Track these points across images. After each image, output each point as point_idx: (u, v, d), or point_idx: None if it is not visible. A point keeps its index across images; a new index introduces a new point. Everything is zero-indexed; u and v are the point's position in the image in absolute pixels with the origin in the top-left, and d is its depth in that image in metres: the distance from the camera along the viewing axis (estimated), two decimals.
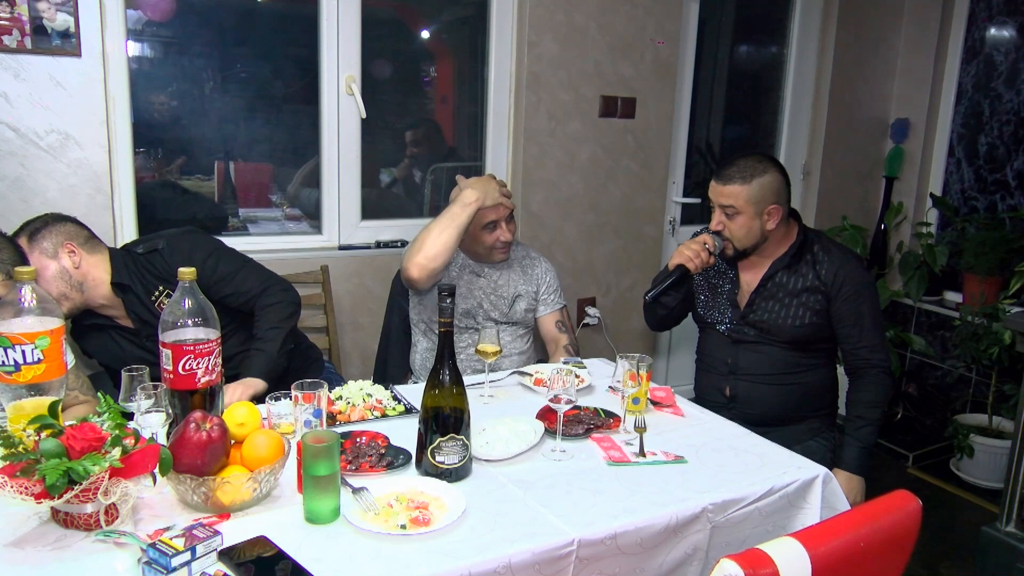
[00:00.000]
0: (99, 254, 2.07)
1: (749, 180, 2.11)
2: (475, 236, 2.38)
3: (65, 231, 2.02)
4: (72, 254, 2.00)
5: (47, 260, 1.97)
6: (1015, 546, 2.44)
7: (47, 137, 2.34)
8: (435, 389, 1.48)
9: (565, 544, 1.30)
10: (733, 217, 2.14)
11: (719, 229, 2.17)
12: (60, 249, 1.99)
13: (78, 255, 2.01)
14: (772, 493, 1.54)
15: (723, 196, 2.14)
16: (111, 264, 2.07)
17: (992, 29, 3.65)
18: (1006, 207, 3.62)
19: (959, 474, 3.37)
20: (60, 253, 1.99)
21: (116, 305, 2.10)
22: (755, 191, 2.11)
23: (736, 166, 2.15)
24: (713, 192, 2.18)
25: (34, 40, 2.26)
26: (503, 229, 2.39)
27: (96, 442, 1.22)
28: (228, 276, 2.12)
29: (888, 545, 1.25)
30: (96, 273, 2.04)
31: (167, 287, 2.08)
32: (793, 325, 2.16)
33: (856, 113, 3.89)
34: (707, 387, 2.34)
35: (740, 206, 2.12)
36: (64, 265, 1.99)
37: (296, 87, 2.89)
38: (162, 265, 2.09)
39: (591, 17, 3.07)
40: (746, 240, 2.16)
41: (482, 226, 2.36)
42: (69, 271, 2.00)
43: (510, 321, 2.47)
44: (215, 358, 1.51)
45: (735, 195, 2.12)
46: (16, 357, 1.39)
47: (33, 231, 1.99)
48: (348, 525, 1.30)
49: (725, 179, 2.14)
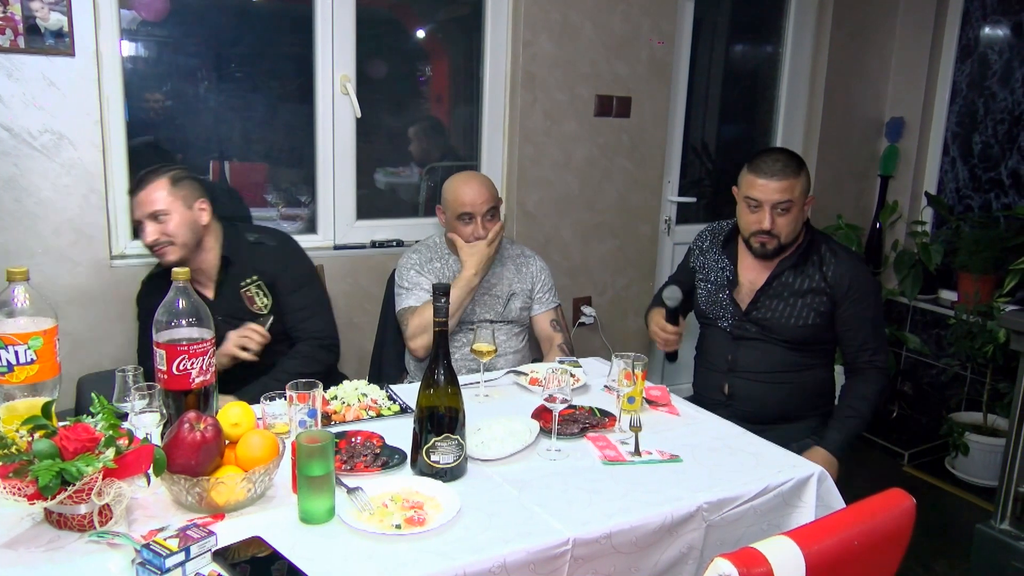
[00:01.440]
0: (216, 223, 2.23)
1: (799, 172, 2.10)
2: (452, 227, 2.40)
3: (201, 188, 2.19)
4: (204, 212, 2.16)
5: (183, 207, 2.12)
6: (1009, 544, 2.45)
7: (41, 137, 2.33)
8: (430, 389, 1.47)
9: (560, 543, 1.30)
10: (785, 213, 2.11)
11: (770, 228, 2.11)
12: (196, 203, 2.15)
13: (207, 214, 2.18)
14: (767, 492, 1.54)
15: (780, 192, 2.08)
16: (224, 237, 2.24)
17: (986, 28, 3.66)
18: (1000, 206, 3.63)
19: (954, 472, 3.38)
20: (195, 205, 2.14)
21: (211, 275, 2.24)
22: (804, 182, 2.12)
23: (780, 160, 2.11)
24: (763, 191, 2.10)
25: (27, 40, 2.25)
26: (478, 224, 2.35)
27: (90, 443, 1.22)
28: (305, 306, 2.30)
29: (882, 543, 1.25)
30: (211, 238, 2.21)
31: (259, 279, 2.25)
32: (796, 325, 2.16)
33: (851, 112, 3.90)
34: (706, 384, 2.34)
35: (795, 199, 2.10)
36: (196, 218, 2.15)
37: (291, 86, 2.89)
38: (264, 259, 2.26)
39: (586, 16, 3.07)
40: (792, 234, 2.14)
41: (456, 215, 2.37)
42: (198, 224, 2.15)
43: (505, 320, 2.47)
44: (209, 358, 1.51)
45: (791, 189, 2.09)
46: (9, 358, 1.38)
47: (176, 176, 2.14)
48: (343, 525, 1.30)
49: (780, 175, 2.08)
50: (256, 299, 2.23)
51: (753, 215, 2.13)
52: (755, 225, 2.13)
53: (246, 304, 2.23)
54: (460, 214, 2.36)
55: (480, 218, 2.35)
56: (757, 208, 2.12)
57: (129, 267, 2.52)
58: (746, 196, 2.14)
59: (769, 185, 2.09)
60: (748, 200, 2.14)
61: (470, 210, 2.34)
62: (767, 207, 2.10)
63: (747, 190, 2.13)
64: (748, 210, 2.15)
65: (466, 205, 2.34)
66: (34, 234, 2.36)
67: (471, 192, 2.36)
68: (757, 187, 2.10)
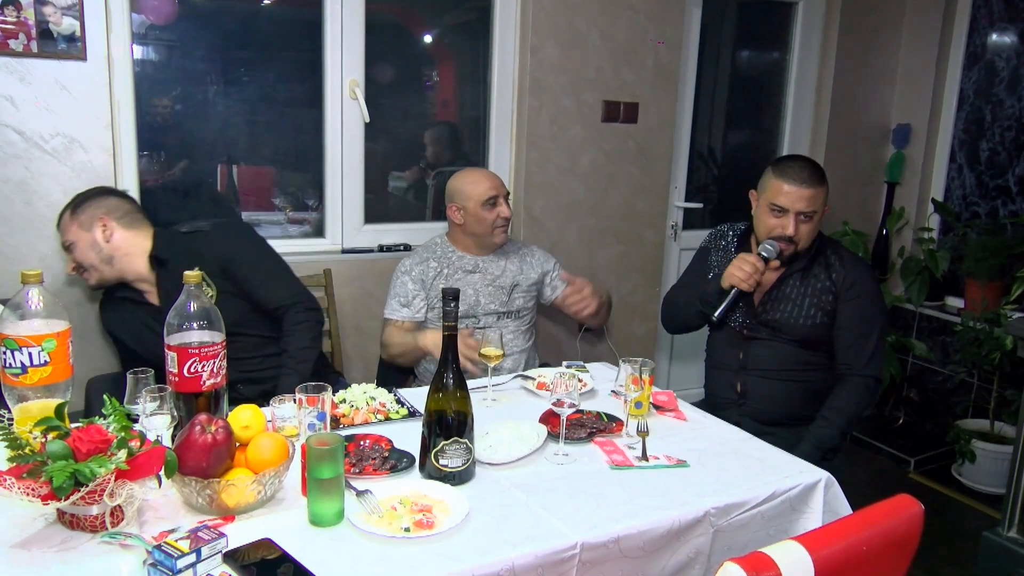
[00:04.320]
0: (136, 229, 2.19)
1: (823, 181, 2.12)
2: (477, 216, 2.45)
3: (105, 205, 2.16)
4: (104, 228, 2.13)
5: (82, 232, 2.13)
6: (1016, 551, 2.45)
7: (52, 140, 2.35)
8: (439, 392, 1.48)
9: (568, 547, 1.31)
10: (808, 221, 2.11)
11: (792, 235, 2.10)
12: (95, 223, 2.13)
13: (110, 229, 2.13)
14: (774, 497, 1.54)
15: (809, 201, 2.08)
16: (153, 239, 2.20)
17: (994, 35, 3.66)
18: (1007, 212, 3.62)
19: (961, 479, 3.36)
20: (94, 226, 2.13)
21: (150, 280, 2.20)
22: (826, 192, 2.13)
23: (807, 167, 2.11)
24: (789, 198, 2.09)
25: (40, 44, 2.27)
26: (503, 205, 2.47)
27: (102, 444, 1.23)
28: (266, 278, 2.24)
29: (890, 549, 1.26)
30: (129, 247, 2.16)
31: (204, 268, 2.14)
32: (805, 324, 2.17)
33: (858, 118, 3.90)
34: (717, 384, 2.34)
35: (819, 207, 2.11)
36: (96, 237, 2.12)
37: (299, 91, 2.90)
38: (204, 245, 2.20)
39: (593, 22, 3.08)
40: (809, 242, 2.15)
41: (482, 203, 2.44)
42: (100, 243, 2.13)
43: (510, 311, 2.50)
44: (220, 361, 1.52)
45: (816, 198, 2.10)
46: (23, 359, 1.40)
47: (77, 203, 2.15)
48: (352, 528, 1.30)
49: (808, 183, 2.08)
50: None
51: (776, 220, 2.13)
52: (778, 230, 2.13)
53: None
54: (486, 200, 2.44)
55: (503, 199, 2.48)
56: (781, 214, 2.11)
57: None
58: (771, 202, 2.13)
59: (798, 192, 2.08)
60: (772, 206, 2.13)
61: (495, 192, 2.46)
62: (792, 214, 2.10)
63: (773, 196, 2.12)
64: (771, 215, 2.14)
65: (491, 189, 2.46)
66: (45, 237, 2.38)
67: (489, 178, 2.50)
68: (784, 193, 2.10)
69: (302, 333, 2.21)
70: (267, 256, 2.28)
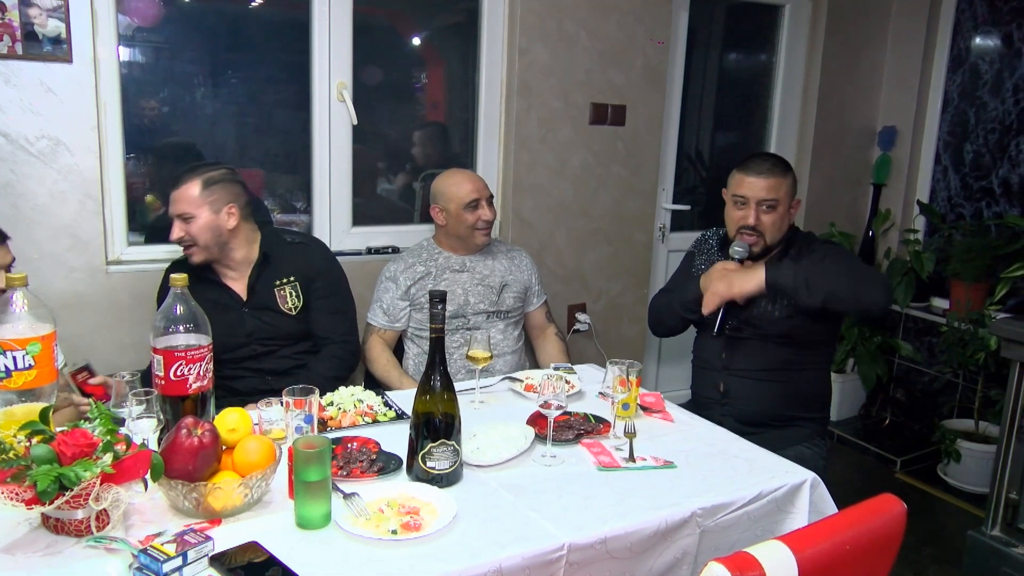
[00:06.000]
0: (250, 222, 2.25)
1: (787, 172, 2.16)
2: (459, 218, 2.47)
3: (235, 192, 2.18)
4: (231, 215, 2.15)
5: (210, 212, 2.12)
6: (1000, 550, 2.47)
7: (37, 143, 2.34)
8: (426, 395, 1.48)
9: (555, 549, 1.31)
10: (770, 211, 2.15)
11: (755, 224, 2.15)
12: (225, 207, 2.14)
13: (235, 217, 2.17)
14: (760, 498, 1.55)
15: (765, 190, 2.13)
16: (263, 235, 2.26)
17: (977, 38, 3.69)
18: (992, 214, 3.65)
19: (946, 479, 3.39)
20: (224, 210, 2.14)
21: (243, 270, 2.23)
22: (791, 183, 2.17)
23: (768, 160, 2.17)
24: (750, 188, 2.15)
25: (25, 46, 2.26)
26: (485, 208, 2.48)
27: (87, 448, 1.23)
28: (334, 309, 2.33)
29: (873, 548, 1.27)
30: (244, 238, 2.21)
31: (295, 280, 2.26)
32: (782, 316, 2.17)
33: (844, 121, 3.93)
34: (702, 384, 2.36)
35: (781, 198, 2.15)
36: (221, 222, 2.14)
37: (287, 93, 2.90)
38: (304, 260, 2.28)
39: (581, 25, 3.09)
40: (777, 235, 2.18)
41: (463, 205, 2.45)
42: (223, 228, 2.15)
43: (499, 310, 2.50)
44: (206, 364, 1.51)
45: (777, 187, 2.14)
46: (7, 363, 1.39)
47: (210, 179, 2.14)
48: (339, 530, 1.30)
49: (766, 173, 2.14)
50: (288, 299, 2.25)
51: (739, 211, 2.19)
52: (740, 221, 2.18)
53: (277, 302, 2.25)
54: (468, 202, 2.46)
55: (484, 202, 2.49)
56: (743, 205, 2.18)
57: (125, 273, 2.53)
58: (734, 194, 2.20)
59: (756, 182, 2.15)
60: (735, 197, 2.20)
61: (476, 196, 2.47)
62: (753, 203, 2.15)
63: (735, 188, 2.20)
64: (735, 207, 2.20)
65: (472, 192, 2.47)
66: (30, 240, 2.36)
67: (472, 180, 2.51)
68: (745, 184, 2.17)
69: (334, 365, 2.29)
70: (346, 291, 2.41)
